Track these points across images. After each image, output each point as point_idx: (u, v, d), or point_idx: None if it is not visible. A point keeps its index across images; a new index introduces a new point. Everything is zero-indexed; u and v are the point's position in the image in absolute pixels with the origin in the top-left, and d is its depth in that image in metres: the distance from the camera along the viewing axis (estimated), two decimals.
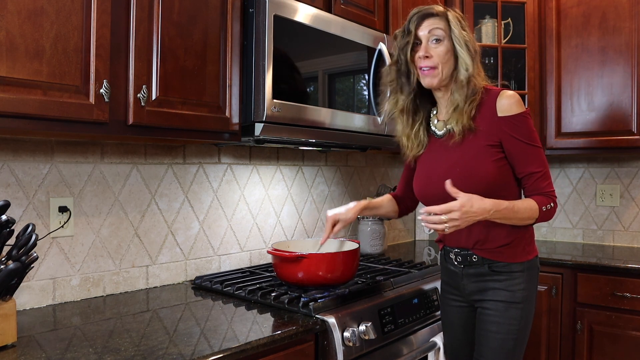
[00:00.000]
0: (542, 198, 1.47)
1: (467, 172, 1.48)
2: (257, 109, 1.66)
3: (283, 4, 1.71)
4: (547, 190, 1.48)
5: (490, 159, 1.47)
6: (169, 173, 1.89)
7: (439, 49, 1.49)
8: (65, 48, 1.26)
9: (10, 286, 1.20)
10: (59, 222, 1.59)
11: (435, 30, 1.49)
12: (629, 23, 2.55)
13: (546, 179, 1.49)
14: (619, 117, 2.59)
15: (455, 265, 1.59)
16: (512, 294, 1.49)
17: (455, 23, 1.50)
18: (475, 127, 1.48)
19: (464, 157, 1.50)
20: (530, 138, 1.47)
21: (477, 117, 1.49)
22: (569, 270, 2.43)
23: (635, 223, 2.85)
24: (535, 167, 1.47)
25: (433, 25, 1.50)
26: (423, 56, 1.50)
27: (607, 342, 2.33)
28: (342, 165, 2.66)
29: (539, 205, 1.46)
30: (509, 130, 1.46)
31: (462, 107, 1.48)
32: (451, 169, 1.50)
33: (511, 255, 1.51)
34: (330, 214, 1.68)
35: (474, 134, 1.49)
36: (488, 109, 1.48)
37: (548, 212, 1.47)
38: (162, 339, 1.28)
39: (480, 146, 1.48)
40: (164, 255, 1.88)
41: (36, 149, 1.55)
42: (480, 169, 1.47)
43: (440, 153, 1.56)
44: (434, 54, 1.49)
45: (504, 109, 1.46)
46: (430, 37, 1.50)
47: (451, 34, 1.49)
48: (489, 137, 1.48)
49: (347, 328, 1.50)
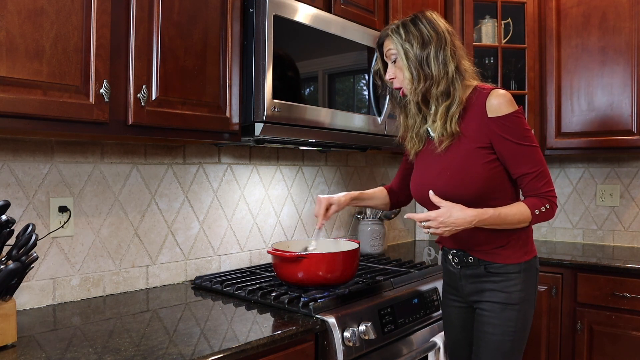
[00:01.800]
0: (535, 200, 1.44)
1: (457, 176, 1.47)
2: (257, 109, 1.66)
3: (283, 4, 1.71)
4: (544, 191, 1.45)
5: (481, 162, 1.45)
6: (169, 173, 1.89)
7: (397, 69, 1.52)
8: (65, 48, 1.26)
9: (10, 286, 1.20)
10: (59, 222, 1.59)
11: (389, 52, 1.53)
12: (629, 23, 2.55)
13: (542, 178, 1.45)
14: (619, 117, 2.59)
15: (453, 265, 1.60)
16: (508, 295, 1.49)
17: (397, 40, 1.48)
18: (462, 131, 1.46)
19: (454, 161, 1.48)
20: (522, 137, 1.43)
21: (466, 119, 1.47)
22: (569, 270, 2.43)
23: (635, 223, 2.85)
24: (529, 167, 1.44)
25: (387, 47, 1.53)
26: (388, 79, 1.55)
27: (607, 342, 2.33)
28: (342, 165, 2.66)
29: (530, 208, 1.43)
30: (499, 131, 1.43)
31: (433, 117, 1.49)
32: (442, 173, 1.50)
33: (507, 257, 1.50)
34: (322, 197, 1.70)
35: (463, 137, 1.47)
36: (477, 110, 1.46)
37: (544, 214, 1.44)
38: (162, 339, 1.28)
39: (470, 149, 1.46)
40: (164, 255, 1.88)
41: (36, 149, 1.55)
42: (470, 172, 1.46)
43: (434, 156, 1.55)
44: (395, 74, 1.53)
45: (494, 110, 1.43)
46: (390, 59, 1.54)
47: (398, 53, 1.49)
48: (479, 139, 1.45)
49: (347, 328, 1.50)
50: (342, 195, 1.72)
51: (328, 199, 1.70)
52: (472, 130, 1.46)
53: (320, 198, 1.70)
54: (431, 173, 1.54)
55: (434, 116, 1.49)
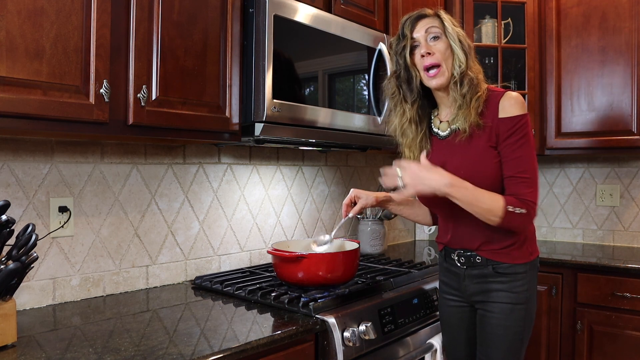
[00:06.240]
0: (512, 199, 1.40)
1: (472, 175, 1.45)
2: (257, 109, 1.66)
3: (283, 4, 1.71)
4: (527, 198, 1.41)
5: (493, 161, 1.46)
6: (169, 173, 1.89)
7: (439, 46, 1.49)
8: (65, 48, 1.26)
9: (10, 286, 1.20)
10: (59, 222, 1.59)
11: (431, 29, 1.50)
12: (629, 23, 2.55)
13: (528, 186, 1.42)
14: (619, 117, 2.59)
15: (458, 266, 1.58)
16: (516, 296, 1.49)
17: (447, 20, 1.51)
18: (483, 124, 1.46)
19: (468, 159, 1.48)
20: (522, 141, 1.43)
21: (483, 116, 1.47)
22: (569, 270, 2.43)
23: (635, 223, 2.85)
24: (519, 171, 1.42)
25: (428, 24, 1.50)
26: (425, 53, 1.49)
27: (607, 342, 2.33)
28: (342, 165, 2.66)
29: (505, 202, 1.39)
30: (503, 131, 1.44)
31: (466, 102, 1.47)
32: (456, 172, 1.47)
33: (516, 257, 1.50)
34: (354, 190, 1.69)
35: (479, 133, 1.47)
36: (492, 109, 1.47)
37: (518, 216, 1.39)
38: (162, 339, 1.28)
39: (484, 147, 1.47)
40: (164, 255, 1.88)
41: (36, 149, 1.55)
42: (484, 171, 1.46)
43: (444, 155, 1.54)
44: (435, 50, 1.48)
45: (506, 110, 1.45)
46: (428, 36, 1.50)
47: (445, 31, 1.49)
48: (490, 138, 1.46)
49: (347, 328, 1.50)
50: (373, 194, 1.68)
51: (357, 193, 1.68)
52: (486, 128, 1.47)
53: (352, 190, 1.69)
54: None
55: (464, 102, 1.47)
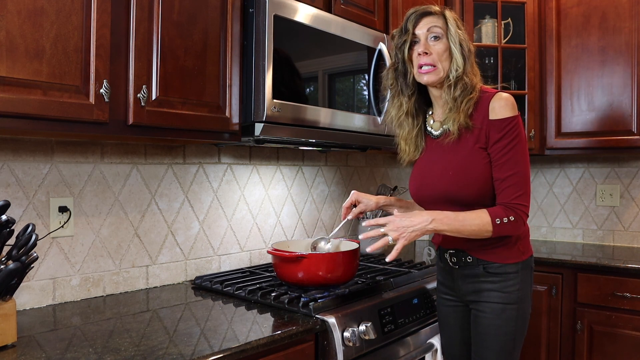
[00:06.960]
0: (498, 210, 1.41)
1: (460, 174, 1.47)
2: (257, 109, 1.66)
3: (283, 4, 1.71)
4: (515, 202, 1.41)
5: (482, 162, 1.46)
6: (169, 173, 1.89)
7: (438, 47, 1.49)
8: (65, 48, 1.26)
9: (10, 286, 1.20)
10: (59, 222, 1.59)
11: (433, 28, 1.50)
12: (629, 23, 2.55)
13: (518, 189, 1.42)
14: (619, 117, 2.59)
15: (451, 266, 1.59)
16: (507, 296, 1.49)
17: (452, 22, 1.50)
18: (472, 125, 1.47)
19: (458, 159, 1.49)
20: (512, 143, 1.43)
21: (473, 118, 1.48)
22: (569, 270, 2.43)
23: (635, 223, 2.85)
24: (509, 173, 1.42)
25: (431, 23, 1.50)
26: (422, 52, 1.49)
27: (607, 342, 2.33)
28: (342, 165, 2.66)
29: (491, 217, 1.40)
30: (494, 132, 1.44)
31: (456, 105, 1.47)
32: (445, 171, 1.50)
33: (506, 256, 1.50)
34: (354, 192, 1.70)
35: (469, 134, 1.48)
36: (482, 111, 1.47)
37: (507, 225, 1.40)
38: (162, 339, 1.28)
39: (474, 148, 1.47)
40: (164, 255, 1.88)
41: (36, 149, 1.55)
42: (473, 171, 1.46)
43: (436, 154, 1.56)
44: (432, 51, 1.49)
45: (496, 112, 1.45)
46: (429, 35, 1.50)
47: (448, 32, 1.49)
48: (479, 140, 1.47)
49: (347, 328, 1.50)
50: (373, 199, 1.69)
51: (358, 196, 1.69)
52: (475, 129, 1.47)
53: (353, 192, 1.71)
54: (435, 171, 1.54)
55: (455, 105, 1.48)
